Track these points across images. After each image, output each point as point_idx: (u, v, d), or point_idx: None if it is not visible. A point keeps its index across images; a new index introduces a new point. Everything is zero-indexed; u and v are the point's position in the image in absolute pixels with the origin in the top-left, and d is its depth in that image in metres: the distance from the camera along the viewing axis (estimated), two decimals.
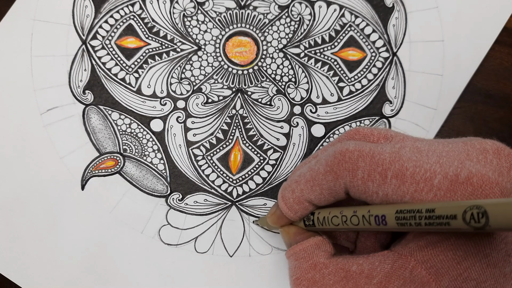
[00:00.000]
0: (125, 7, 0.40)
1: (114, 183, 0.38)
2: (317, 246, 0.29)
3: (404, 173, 0.25)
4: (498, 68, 0.39)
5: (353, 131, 0.31)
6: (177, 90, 0.39)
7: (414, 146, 0.27)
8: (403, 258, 0.26)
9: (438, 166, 0.25)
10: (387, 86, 0.40)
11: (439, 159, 0.25)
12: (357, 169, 0.26)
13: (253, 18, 0.40)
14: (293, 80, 0.40)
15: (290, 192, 0.30)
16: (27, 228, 0.37)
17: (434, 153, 0.26)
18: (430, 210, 0.23)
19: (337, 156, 0.27)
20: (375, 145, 0.27)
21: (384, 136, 0.29)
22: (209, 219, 0.38)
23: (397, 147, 0.27)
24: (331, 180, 0.27)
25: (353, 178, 0.26)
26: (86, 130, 0.38)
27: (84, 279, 0.37)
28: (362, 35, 0.40)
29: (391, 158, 0.26)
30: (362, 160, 0.26)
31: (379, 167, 0.26)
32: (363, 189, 0.26)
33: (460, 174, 0.24)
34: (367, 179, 0.26)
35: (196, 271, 0.37)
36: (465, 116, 0.39)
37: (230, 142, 0.39)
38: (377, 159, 0.26)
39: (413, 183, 0.25)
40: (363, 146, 0.27)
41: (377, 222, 0.26)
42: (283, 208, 0.30)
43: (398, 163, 0.25)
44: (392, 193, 0.25)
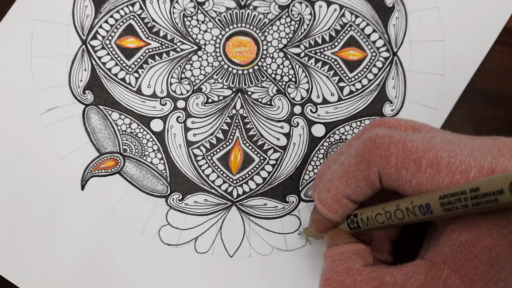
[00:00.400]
0: (125, 7, 0.40)
1: (114, 183, 0.38)
2: (357, 252, 0.29)
3: (439, 163, 0.24)
4: (498, 68, 0.39)
5: (378, 121, 0.30)
6: (177, 90, 0.39)
7: (444, 137, 0.26)
8: (436, 267, 0.25)
9: (473, 159, 0.24)
10: (388, 86, 0.40)
11: (472, 152, 0.24)
12: (390, 155, 0.25)
13: (253, 18, 0.40)
14: (293, 80, 0.40)
15: (325, 192, 0.29)
16: (26, 228, 0.37)
17: (466, 146, 0.25)
18: (474, 190, 0.22)
19: (367, 143, 0.26)
20: (406, 133, 0.27)
21: (411, 126, 0.29)
22: (209, 219, 0.38)
23: (428, 136, 0.26)
24: (365, 169, 0.26)
25: (386, 164, 0.25)
26: (86, 130, 0.38)
27: (84, 279, 0.37)
28: (362, 35, 0.40)
29: (424, 146, 0.25)
30: (394, 146, 0.25)
31: (413, 154, 0.25)
32: (396, 177, 0.25)
33: (495, 170, 0.23)
34: (400, 166, 0.25)
35: (196, 271, 0.37)
36: (465, 116, 0.39)
37: (230, 142, 0.39)
38: (410, 146, 0.25)
39: (449, 174, 0.24)
40: (393, 132, 0.26)
41: (422, 212, 0.25)
42: (322, 210, 0.29)
43: (432, 152, 0.24)
44: (427, 183, 0.24)
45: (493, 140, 0.26)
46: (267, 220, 0.38)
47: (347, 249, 0.29)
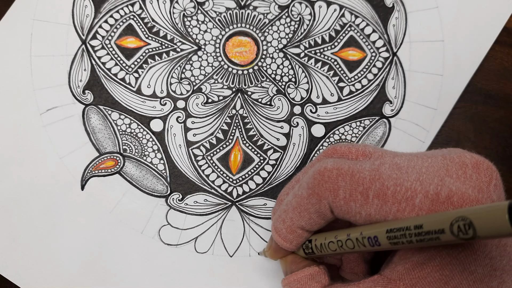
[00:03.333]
0: (125, 7, 0.40)
1: (114, 183, 0.38)
2: (311, 276, 0.29)
3: (386, 193, 0.25)
4: (498, 68, 0.39)
5: (330, 149, 0.30)
6: (177, 90, 0.39)
7: (393, 162, 0.27)
8: (392, 283, 0.26)
9: (419, 184, 0.25)
10: (387, 86, 0.40)
11: (419, 176, 0.25)
12: (338, 189, 0.26)
13: (253, 18, 0.40)
14: (293, 80, 0.40)
15: (281, 223, 0.30)
16: (26, 228, 0.37)
17: (414, 169, 0.26)
18: (418, 226, 0.23)
19: (316, 176, 0.27)
20: (354, 162, 0.27)
21: (362, 152, 0.29)
22: (209, 219, 0.38)
23: (376, 164, 0.27)
24: (316, 202, 0.27)
25: (335, 198, 0.26)
26: (86, 130, 0.38)
27: (84, 279, 0.37)
28: (362, 35, 0.40)
29: (371, 177, 0.25)
30: (342, 179, 0.26)
31: (360, 186, 0.25)
32: (346, 209, 0.26)
33: (440, 193, 0.24)
34: (349, 199, 0.26)
35: (196, 271, 0.37)
36: (465, 116, 0.39)
37: (230, 142, 0.39)
38: (357, 177, 0.26)
39: (395, 203, 0.25)
40: (341, 164, 0.27)
41: (371, 244, 0.26)
42: (277, 240, 0.30)
43: (379, 182, 0.25)
44: (375, 213, 0.25)
45: (444, 157, 0.26)
46: (267, 220, 0.38)
47: (302, 276, 0.29)
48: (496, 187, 0.25)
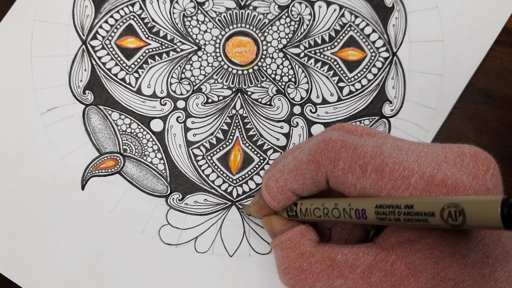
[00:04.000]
0: (125, 7, 0.40)
1: (114, 183, 0.38)
2: (303, 235, 0.30)
3: (384, 169, 0.25)
4: (498, 68, 0.39)
5: (338, 125, 0.31)
6: (177, 90, 0.39)
7: (395, 144, 0.27)
8: (385, 251, 0.27)
9: (416, 165, 0.25)
10: (387, 86, 0.40)
11: (417, 159, 0.26)
12: (339, 159, 0.26)
13: (253, 18, 0.40)
14: (293, 80, 0.40)
15: (274, 181, 0.30)
16: (27, 228, 0.37)
17: (414, 152, 0.26)
18: (408, 206, 0.23)
19: (320, 144, 0.27)
20: (359, 137, 0.28)
21: (367, 132, 0.30)
22: (209, 219, 0.38)
23: (379, 142, 0.27)
24: (314, 169, 0.28)
25: (334, 168, 0.27)
26: (86, 130, 0.39)
27: (84, 279, 0.37)
28: (362, 35, 0.40)
29: (373, 152, 0.26)
30: (345, 151, 0.26)
31: (361, 159, 0.26)
32: (342, 180, 0.27)
33: (436, 176, 0.24)
34: (347, 170, 0.26)
35: (196, 271, 0.37)
36: (465, 116, 0.39)
37: (230, 142, 0.39)
38: (359, 151, 0.26)
39: (391, 180, 0.25)
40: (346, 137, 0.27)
41: (357, 216, 0.26)
42: (266, 197, 0.30)
43: (379, 158, 0.26)
44: (370, 187, 0.26)
45: (443, 146, 0.27)
46: None
47: (293, 234, 0.30)
48: (493, 176, 0.25)
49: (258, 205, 0.32)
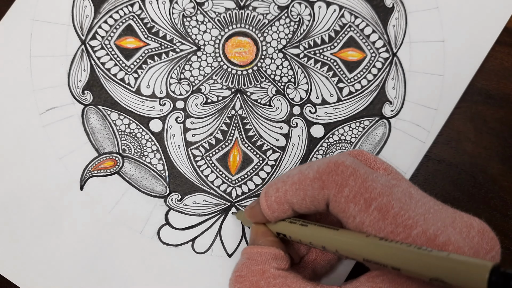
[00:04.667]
0: (125, 7, 0.40)
1: (113, 183, 0.38)
2: (274, 256, 0.29)
3: (388, 210, 0.25)
4: (498, 68, 0.39)
5: (357, 151, 0.30)
6: (176, 90, 0.39)
7: (407, 190, 0.27)
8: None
9: (422, 219, 0.24)
10: (387, 86, 0.39)
11: (425, 213, 0.25)
12: (346, 186, 0.26)
13: (252, 19, 0.40)
14: (293, 81, 0.39)
15: (274, 190, 0.29)
16: (25, 228, 0.37)
17: (424, 205, 0.26)
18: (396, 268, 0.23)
19: (331, 165, 0.27)
20: (372, 171, 0.27)
21: (385, 168, 0.29)
22: (208, 219, 0.38)
23: (392, 183, 0.27)
24: (317, 188, 0.27)
25: (338, 192, 0.26)
26: (85, 130, 0.38)
27: (83, 279, 0.37)
28: (361, 36, 0.40)
29: (382, 190, 0.25)
30: (354, 179, 0.26)
31: (367, 193, 0.25)
32: (343, 208, 0.26)
33: (439, 236, 0.24)
34: (351, 200, 0.26)
35: (195, 271, 0.37)
36: (466, 116, 0.39)
37: (229, 143, 0.39)
38: (368, 185, 0.26)
39: (393, 224, 0.24)
40: (359, 166, 0.27)
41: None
42: (262, 204, 0.30)
43: (387, 198, 0.25)
44: (369, 224, 0.25)
45: (454, 211, 0.26)
46: None
47: (265, 251, 0.29)
48: (493, 259, 0.25)
49: (253, 211, 0.32)
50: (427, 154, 0.38)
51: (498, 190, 0.38)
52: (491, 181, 0.38)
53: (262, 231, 0.31)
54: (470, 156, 0.38)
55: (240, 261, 0.30)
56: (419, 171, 0.38)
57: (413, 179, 0.38)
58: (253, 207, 0.32)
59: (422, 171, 0.38)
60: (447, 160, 0.38)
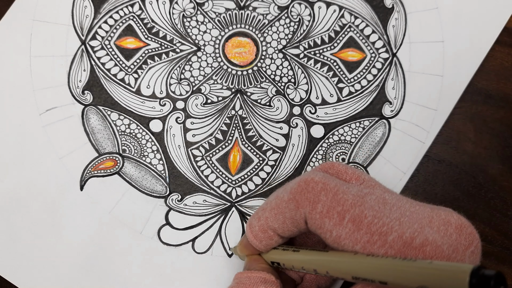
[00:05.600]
0: (125, 7, 0.40)
1: (113, 183, 0.38)
2: (264, 280, 0.29)
3: (362, 220, 0.25)
4: (498, 69, 0.39)
5: (328, 164, 0.31)
6: (176, 90, 0.39)
7: (381, 196, 0.27)
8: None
9: (397, 223, 0.25)
10: (387, 86, 0.40)
11: (400, 217, 0.25)
12: (318, 202, 0.26)
13: (252, 19, 0.40)
14: (293, 81, 0.40)
15: (256, 219, 0.30)
16: (26, 228, 0.37)
17: (399, 209, 0.26)
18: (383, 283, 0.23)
19: (301, 184, 0.27)
20: (343, 183, 0.27)
21: (357, 177, 0.29)
22: (209, 219, 0.38)
23: (364, 192, 0.27)
24: (293, 208, 0.27)
25: (312, 209, 0.26)
26: (85, 130, 0.38)
27: (83, 279, 0.37)
28: (361, 36, 0.40)
29: (353, 201, 0.26)
30: (325, 194, 0.26)
31: (339, 206, 0.26)
32: (319, 224, 0.26)
33: (415, 238, 0.24)
34: (325, 215, 0.26)
35: (195, 271, 0.37)
36: (465, 116, 0.39)
37: (230, 143, 0.39)
38: (339, 197, 0.26)
39: (368, 233, 0.24)
40: (329, 180, 0.27)
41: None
42: (249, 235, 0.30)
43: (359, 208, 0.25)
44: (345, 237, 0.25)
45: (432, 209, 0.26)
46: None
47: (255, 275, 0.29)
48: (473, 254, 0.25)
49: (243, 244, 0.32)
50: (427, 154, 0.38)
51: (498, 190, 0.38)
52: (491, 181, 0.38)
53: (254, 259, 0.32)
54: (470, 156, 0.38)
55: (230, 286, 0.30)
56: (419, 171, 0.38)
57: (413, 179, 0.38)
58: (242, 241, 0.32)
59: (422, 171, 0.38)
60: (447, 160, 0.38)
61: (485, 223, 0.38)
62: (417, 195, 0.38)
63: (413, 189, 0.38)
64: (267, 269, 0.30)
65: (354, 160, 0.39)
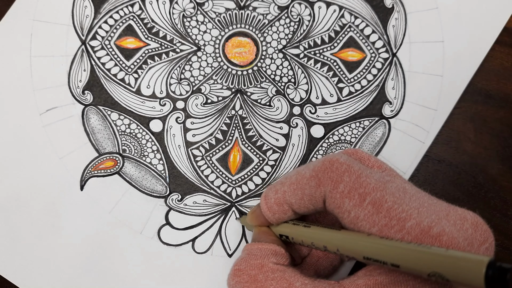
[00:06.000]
0: (125, 7, 0.40)
1: (113, 183, 0.38)
2: (274, 252, 0.29)
3: (382, 204, 0.25)
4: (498, 69, 0.39)
5: (352, 150, 0.31)
6: (176, 90, 0.39)
7: (401, 185, 0.27)
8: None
9: (416, 212, 0.25)
10: (387, 86, 0.40)
11: (419, 206, 0.25)
12: (340, 182, 0.26)
13: (252, 19, 0.40)
14: (293, 81, 0.40)
15: (273, 192, 0.30)
16: (26, 228, 0.37)
17: (418, 199, 0.26)
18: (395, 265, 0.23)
19: (326, 163, 0.27)
20: (366, 168, 0.28)
21: (379, 165, 0.30)
22: (209, 219, 0.38)
23: (386, 179, 0.27)
24: (314, 186, 0.27)
25: (333, 189, 0.26)
26: (85, 130, 0.38)
27: (83, 279, 0.37)
28: (361, 36, 0.40)
29: (376, 185, 0.26)
30: (348, 175, 0.26)
31: (362, 188, 0.26)
32: (339, 204, 0.26)
33: (433, 228, 0.24)
34: (346, 195, 0.26)
35: (195, 271, 0.37)
36: (465, 116, 0.39)
37: (230, 143, 0.39)
38: (363, 180, 0.26)
39: (386, 217, 0.25)
40: (354, 163, 0.27)
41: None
42: (263, 206, 0.30)
43: (380, 193, 0.25)
44: (363, 218, 0.25)
45: (448, 205, 0.27)
46: None
47: (265, 247, 0.30)
48: (487, 250, 0.25)
49: (254, 214, 0.32)
50: (427, 154, 0.38)
51: (498, 190, 0.38)
52: (491, 181, 0.38)
53: (264, 231, 0.32)
54: (470, 156, 0.38)
55: (240, 257, 0.30)
56: (419, 171, 0.38)
57: (413, 179, 0.38)
58: (255, 211, 0.32)
59: (422, 171, 0.38)
60: (447, 160, 0.38)
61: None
62: None
63: None
64: (277, 242, 0.30)
65: None
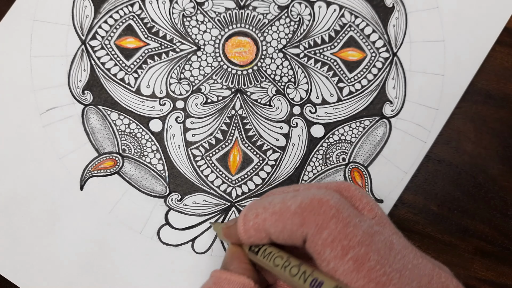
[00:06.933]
0: (125, 7, 0.40)
1: (113, 183, 0.38)
2: (243, 286, 0.28)
3: (364, 263, 0.24)
4: (498, 69, 0.39)
5: (345, 185, 0.29)
6: (176, 90, 0.39)
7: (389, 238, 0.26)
8: None
9: (398, 276, 0.24)
10: (388, 86, 0.39)
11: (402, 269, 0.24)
12: (326, 228, 0.25)
13: (252, 18, 0.40)
14: (293, 81, 0.39)
15: (253, 215, 0.28)
16: (26, 228, 0.37)
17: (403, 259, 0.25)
18: None
19: (314, 202, 0.26)
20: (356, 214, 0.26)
21: (370, 208, 0.28)
22: (208, 219, 0.38)
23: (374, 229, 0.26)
24: (296, 224, 0.26)
25: (316, 234, 0.25)
26: (85, 130, 0.38)
27: (83, 280, 0.37)
28: (362, 35, 0.40)
29: (361, 238, 0.24)
30: (335, 222, 0.25)
31: (346, 240, 0.24)
32: (319, 251, 0.25)
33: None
34: (328, 244, 0.24)
35: (195, 271, 0.37)
36: (466, 116, 0.39)
37: (229, 143, 0.39)
38: (349, 231, 0.25)
39: (366, 277, 0.24)
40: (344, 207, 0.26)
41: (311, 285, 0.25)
42: (240, 228, 0.28)
43: (365, 249, 0.24)
44: (342, 273, 0.24)
45: (433, 269, 0.26)
46: None
47: (234, 279, 0.28)
48: None
49: (229, 230, 0.30)
50: (427, 154, 0.38)
51: (498, 190, 0.38)
52: (491, 181, 0.38)
53: (237, 255, 0.30)
54: (470, 156, 0.38)
55: (206, 284, 0.29)
56: (419, 171, 0.38)
57: (413, 179, 0.38)
58: (230, 226, 0.31)
59: (422, 171, 0.38)
60: (447, 160, 0.38)
61: (485, 223, 0.38)
62: (417, 195, 0.38)
63: (413, 189, 0.38)
64: (248, 272, 0.29)
65: (355, 159, 0.39)
